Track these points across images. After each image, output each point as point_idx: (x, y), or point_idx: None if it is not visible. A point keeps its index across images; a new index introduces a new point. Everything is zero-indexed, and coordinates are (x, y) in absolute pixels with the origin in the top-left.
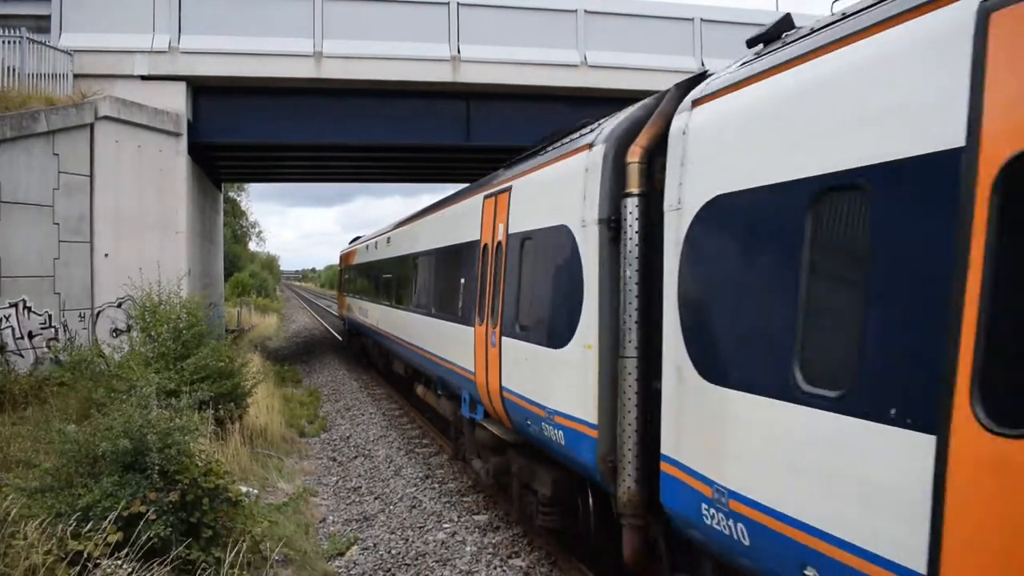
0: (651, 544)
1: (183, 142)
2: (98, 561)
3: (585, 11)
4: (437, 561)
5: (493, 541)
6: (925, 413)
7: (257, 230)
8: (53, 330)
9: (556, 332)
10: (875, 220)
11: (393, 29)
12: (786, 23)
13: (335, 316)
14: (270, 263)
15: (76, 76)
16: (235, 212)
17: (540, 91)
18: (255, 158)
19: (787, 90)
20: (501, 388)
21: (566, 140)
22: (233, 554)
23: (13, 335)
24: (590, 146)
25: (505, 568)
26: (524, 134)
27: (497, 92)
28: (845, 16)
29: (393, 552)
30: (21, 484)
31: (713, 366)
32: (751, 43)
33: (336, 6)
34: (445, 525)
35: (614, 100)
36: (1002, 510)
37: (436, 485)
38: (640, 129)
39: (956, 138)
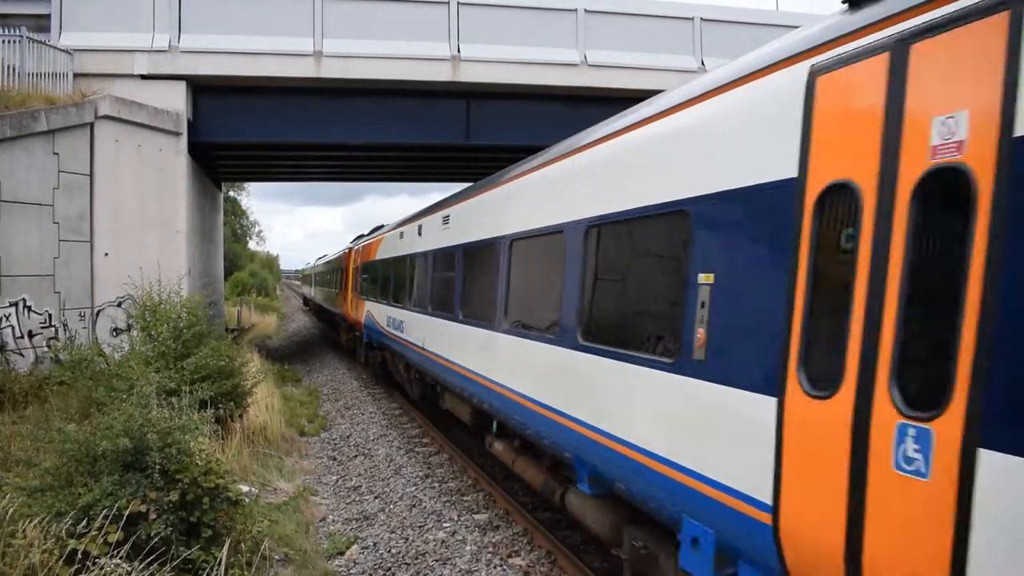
0: None
1: (183, 141)
2: (97, 560)
3: (585, 10)
4: (437, 560)
5: (493, 540)
6: None
7: (257, 229)
8: (53, 329)
9: None
10: None
11: (393, 28)
12: None
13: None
14: (270, 262)
15: (76, 75)
16: (235, 211)
17: (540, 90)
18: (255, 157)
19: None
20: None
21: None
22: (233, 553)
23: (13, 334)
24: None
25: (505, 567)
26: (524, 133)
27: (497, 91)
28: None
29: (393, 551)
30: (21, 483)
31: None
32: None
33: (336, 5)
34: (445, 524)
35: (613, 99)
36: None
37: (436, 484)
38: None
39: None
